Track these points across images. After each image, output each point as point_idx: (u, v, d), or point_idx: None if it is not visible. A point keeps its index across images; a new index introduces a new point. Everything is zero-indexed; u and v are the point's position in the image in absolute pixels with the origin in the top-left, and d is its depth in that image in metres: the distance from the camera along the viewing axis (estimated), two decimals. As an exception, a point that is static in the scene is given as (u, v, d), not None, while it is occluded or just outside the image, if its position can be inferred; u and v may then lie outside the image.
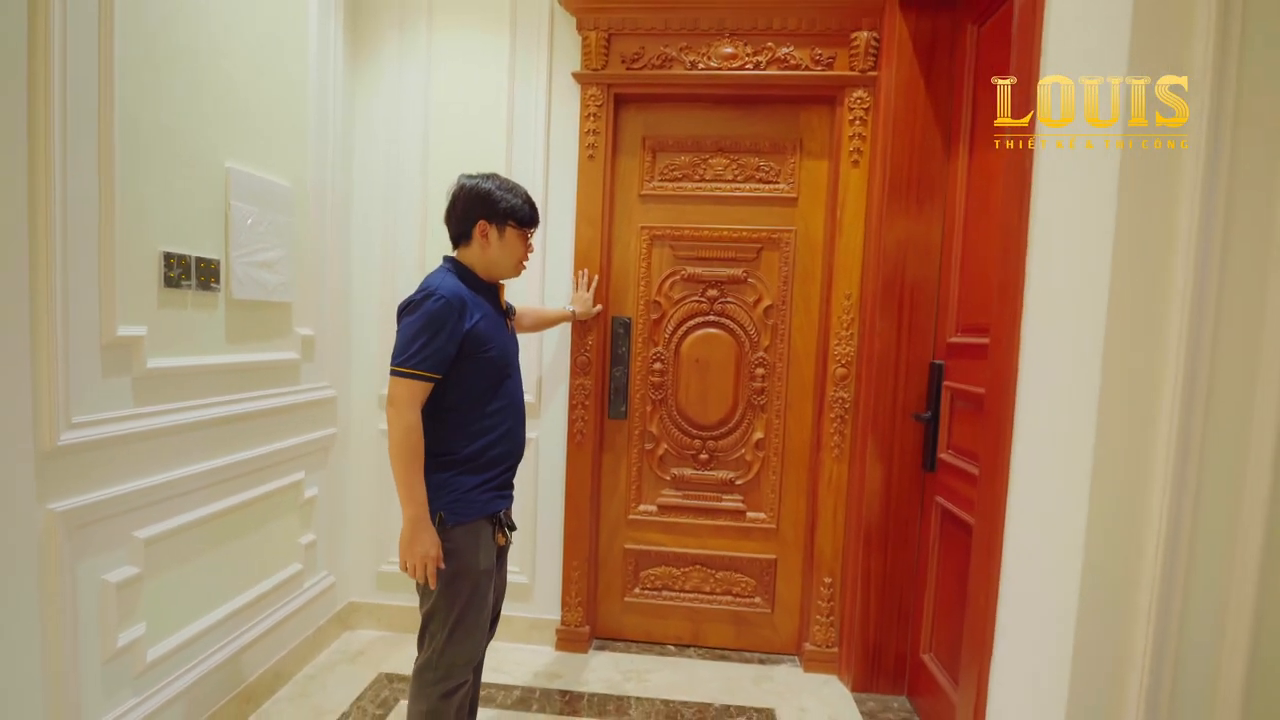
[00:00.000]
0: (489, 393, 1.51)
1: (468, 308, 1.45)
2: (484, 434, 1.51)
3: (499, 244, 1.53)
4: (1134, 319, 0.94)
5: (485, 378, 1.49)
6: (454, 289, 1.44)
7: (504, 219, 1.52)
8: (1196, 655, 0.97)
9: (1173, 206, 0.92)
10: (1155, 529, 0.95)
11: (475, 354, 1.46)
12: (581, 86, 2.27)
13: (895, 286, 2.10)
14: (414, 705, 1.48)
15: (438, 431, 1.46)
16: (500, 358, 1.52)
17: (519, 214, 1.54)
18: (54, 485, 1.33)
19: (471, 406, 1.49)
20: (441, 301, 1.41)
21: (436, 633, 1.46)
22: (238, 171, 1.78)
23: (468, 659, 1.48)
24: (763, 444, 2.39)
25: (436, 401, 1.45)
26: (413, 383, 1.40)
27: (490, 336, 1.49)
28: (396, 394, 1.41)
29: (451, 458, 1.47)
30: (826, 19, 2.15)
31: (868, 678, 2.20)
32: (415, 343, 1.40)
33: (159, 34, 1.52)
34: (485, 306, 1.51)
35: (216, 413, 1.74)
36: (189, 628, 1.71)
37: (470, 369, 1.46)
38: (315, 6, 2.10)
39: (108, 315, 1.42)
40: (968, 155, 1.94)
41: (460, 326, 1.43)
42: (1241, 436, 0.93)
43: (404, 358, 1.40)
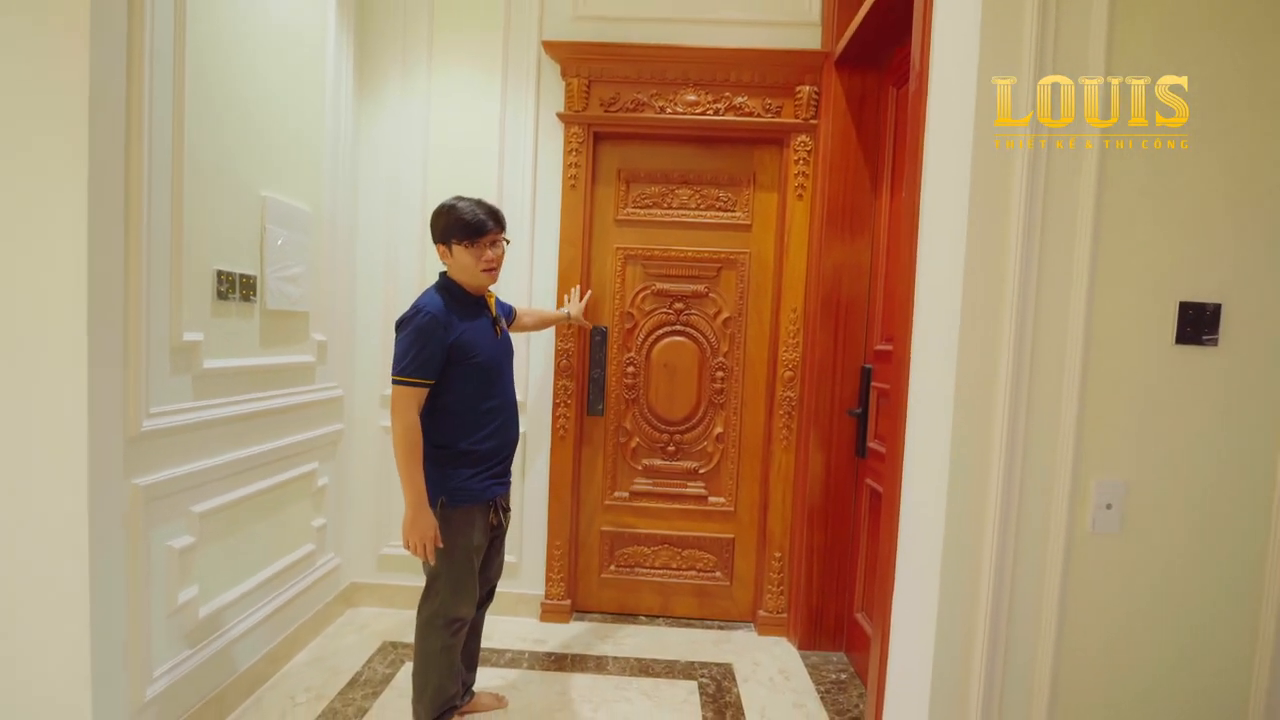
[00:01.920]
0: (480, 393, 1.77)
1: (453, 321, 1.71)
2: (478, 429, 1.78)
3: (454, 260, 1.76)
4: (977, 334, 1.31)
5: (475, 381, 1.76)
6: (439, 306, 1.71)
7: (447, 238, 1.75)
8: (1025, 586, 1.33)
9: (1004, 254, 1.29)
10: (994, 486, 1.32)
11: (463, 361, 1.73)
12: (565, 125, 2.61)
13: (832, 302, 2.48)
14: (427, 645, 1.78)
15: (438, 428, 1.74)
16: (488, 363, 1.78)
17: (459, 230, 1.73)
18: (136, 464, 1.60)
19: (466, 406, 1.76)
20: (428, 317, 1.68)
21: (441, 590, 1.77)
22: (272, 199, 2.07)
23: (465, 609, 1.80)
24: (722, 437, 2.75)
25: (434, 402, 1.73)
26: (408, 388, 1.67)
27: (476, 344, 1.75)
28: (395, 398, 1.68)
29: (450, 450, 1.75)
30: (775, 74, 2.54)
31: (812, 637, 2.57)
32: (408, 354, 1.67)
33: (215, 85, 1.81)
34: (471, 319, 1.76)
35: (252, 407, 2.02)
36: (228, 593, 1.97)
37: (460, 374, 1.73)
38: (332, 50, 2.39)
39: (175, 323, 1.70)
40: (890, 194, 2.34)
41: (446, 337, 1.68)
42: (1054, 433, 1.30)
43: (400, 367, 1.67)
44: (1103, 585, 1.32)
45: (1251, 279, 1.27)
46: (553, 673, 2.31)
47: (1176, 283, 1.28)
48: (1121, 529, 1.31)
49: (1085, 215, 1.27)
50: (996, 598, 1.34)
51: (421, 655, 1.80)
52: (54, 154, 1.41)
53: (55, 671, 1.48)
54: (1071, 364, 1.29)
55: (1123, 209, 1.27)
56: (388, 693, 2.13)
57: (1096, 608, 1.33)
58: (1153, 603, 1.32)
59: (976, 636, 1.35)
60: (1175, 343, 1.28)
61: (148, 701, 1.65)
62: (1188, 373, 1.28)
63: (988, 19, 1.27)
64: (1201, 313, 1.27)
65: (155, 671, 1.69)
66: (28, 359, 1.43)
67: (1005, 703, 1.35)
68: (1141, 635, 1.33)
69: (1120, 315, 1.28)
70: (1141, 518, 1.31)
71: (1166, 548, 1.31)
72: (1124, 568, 1.32)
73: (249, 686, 2.06)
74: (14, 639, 1.48)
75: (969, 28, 1.32)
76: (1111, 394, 1.29)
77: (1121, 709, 1.34)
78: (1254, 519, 1.30)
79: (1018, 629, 1.34)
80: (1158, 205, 1.27)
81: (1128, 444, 1.30)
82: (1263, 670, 1.31)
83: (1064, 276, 1.29)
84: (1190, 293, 1.27)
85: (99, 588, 1.50)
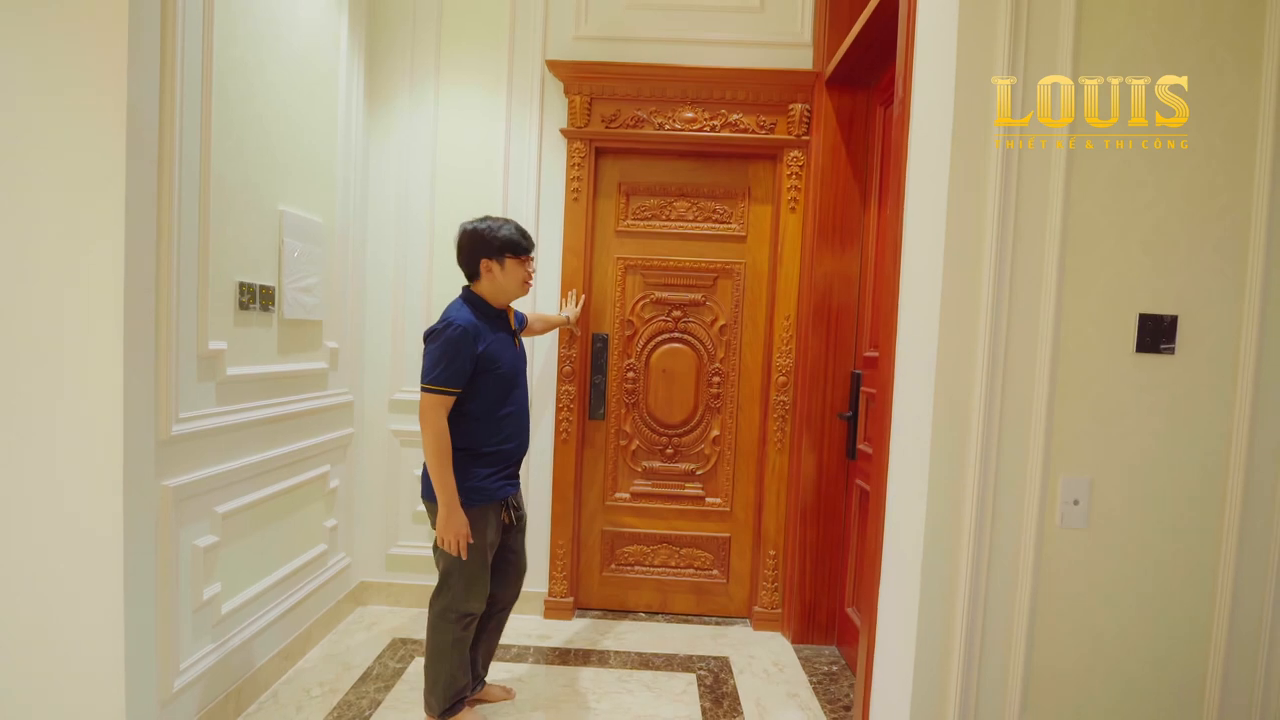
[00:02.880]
0: (500, 401, 1.90)
1: (480, 334, 1.84)
2: (498, 433, 1.91)
3: (502, 274, 1.91)
4: (954, 344, 1.42)
5: (496, 389, 1.89)
6: (468, 319, 1.83)
7: (500, 253, 1.90)
8: (1000, 577, 1.44)
9: (978, 269, 1.40)
10: (970, 484, 1.42)
11: (488, 371, 1.85)
12: (568, 140, 2.72)
13: (824, 310, 2.59)
14: (439, 638, 1.88)
15: (462, 432, 1.85)
16: (508, 372, 1.91)
17: (512, 246, 1.91)
18: (166, 466, 1.69)
19: (487, 412, 1.88)
20: (459, 330, 1.80)
21: (454, 584, 1.87)
22: (288, 213, 2.17)
23: (477, 602, 1.89)
24: (719, 440, 2.85)
25: (459, 408, 1.84)
26: (437, 396, 1.79)
27: (499, 356, 1.88)
28: (425, 405, 1.79)
29: (472, 452, 1.87)
30: (769, 93, 2.65)
31: (805, 631, 2.67)
32: (438, 365, 1.79)
33: (237, 106, 1.90)
34: (496, 331, 1.90)
35: (271, 412, 2.11)
36: (248, 590, 2.06)
37: (484, 383, 1.86)
38: (344, 67, 2.50)
39: (202, 333, 1.79)
40: (878, 208, 2.45)
41: (474, 349, 1.81)
42: (1025, 435, 1.41)
43: (430, 377, 1.79)
44: (1071, 576, 1.43)
45: (1204, 293, 1.38)
46: (558, 666, 2.41)
47: (1136, 296, 1.39)
48: (1088, 524, 1.42)
49: (1053, 234, 1.38)
50: (974, 588, 1.44)
51: (433, 648, 1.90)
52: (94, 176, 1.50)
53: (90, 663, 1.57)
54: (1041, 370, 1.40)
55: (1087, 228, 1.38)
56: (399, 686, 2.22)
57: (1066, 596, 1.43)
58: (1116, 590, 1.43)
59: (955, 624, 1.46)
60: (1136, 351, 1.39)
61: (175, 693, 1.74)
62: (1147, 378, 1.39)
63: (962, 48, 1.39)
64: (1160, 324, 1.38)
65: (182, 664, 1.78)
66: (69, 368, 1.53)
67: (982, 685, 1.45)
68: (1107, 620, 1.43)
69: (1085, 325, 1.39)
70: (1106, 513, 1.42)
71: (1128, 540, 1.42)
72: (1090, 559, 1.43)
73: (265, 681, 2.15)
74: (52, 633, 1.57)
75: (946, 53, 1.43)
76: (1078, 398, 1.40)
77: (1092, 689, 1.45)
78: (1206, 512, 1.41)
79: (993, 618, 1.45)
80: (1119, 225, 1.38)
81: (1093, 444, 1.41)
82: (1219, 647, 1.42)
83: (1034, 290, 1.40)
84: (1149, 305, 1.39)
85: (132, 584, 1.59)
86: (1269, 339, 1.37)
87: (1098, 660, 1.44)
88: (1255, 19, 1.36)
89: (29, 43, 1.50)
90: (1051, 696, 1.45)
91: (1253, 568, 1.41)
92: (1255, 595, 1.41)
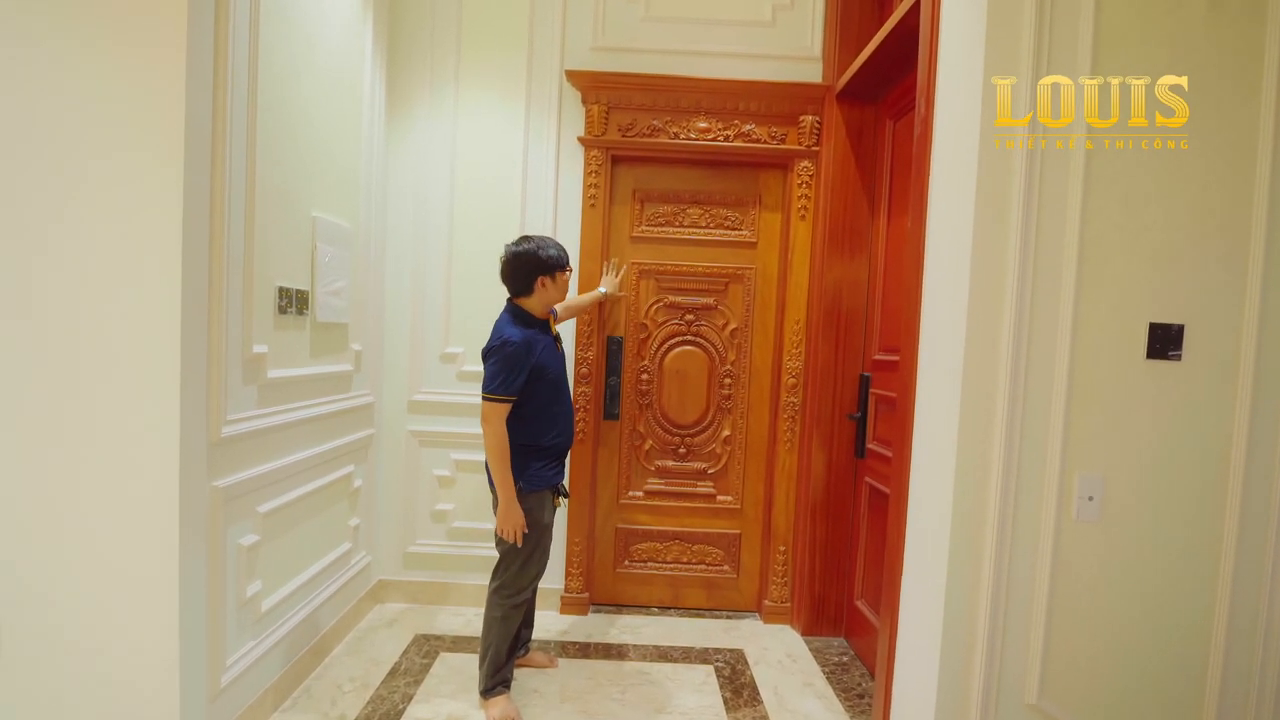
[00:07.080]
0: (552, 401, 2.11)
1: (533, 346, 2.02)
2: (552, 428, 2.12)
3: (554, 287, 2.13)
4: (979, 351, 1.53)
5: (547, 392, 2.09)
6: (522, 334, 2.01)
7: (553, 270, 2.10)
8: (1020, 570, 1.55)
9: (1002, 284, 1.51)
10: (994, 484, 1.53)
11: (541, 377, 2.05)
12: (585, 148, 2.79)
13: (833, 315, 2.69)
14: (491, 612, 2.09)
15: (520, 429, 2.03)
16: (556, 376, 2.12)
17: (562, 263, 2.14)
18: (217, 467, 1.74)
19: (541, 411, 2.08)
20: (515, 346, 1.99)
21: (511, 564, 2.07)
22: (321, 219, 2.21)
23: (530, 581, 2.12)
24: (730, 440, 2.95)
25: (517, 411, 2.02)
26: (498, 404, 1.99)
27: (549, 364, 2.08)
28: (488, 412, 1.99)
29: (531, 446, 2.06)
30: (780, 105, 2.75)
31: (814, 624, 2.78)
32: (499, 377, 1.98)
33: (275, 116, 1.94)
34: (543, 338, 2.09)
35: (305, 414, 2.15)
36: (283, 588, 2.10)
37: (538, 388, 2.06)
38: (368, 75, 2.54)
39: (247, 337, 1.84)
40: (886, 217, 2.56)
41: (529, 361, 2.01)
42: (1044, 436, 1.52)
43: (492, 387, 1.98)
44: (1085, 567, 1.54)
45: (1209, 304, 1.50)
46: (579, 660, 2.48)
47: (1147, 306, 1.50)
48: (1101, 518, 1.53)
49: (1070, 250, 1.49)
50: (996, 578, 1.55)
51: (486, 621, 2.10)
52: (153, 187, 1.55)
53: (146, 660, 1.61)
54: (1060, 375, 1.51)
55: (1101, 243, 1.49)
56: (429, 680, 2.28)
57: (1080, 586, 1.55)
58: (1126, 580, 1.54)
59: (979, 611, 1.56)
60: (1146, 357, 1.50)
61: (223, 688, 1.79)
62: (1156, 383, 1.51)
63: (989, 60, 1.49)
64: (1168, 332, 1.50)
65: (228, 660, 1.82)
66: (128, 375, 1.57)
67: (1004, 670, 1.56)
68: (1118, 608, 1.55)
69: (1100, 334, 1.50)
70: (1118, 509, 1.53)
71: (1138, 534, 1.54)
72: (1102, 551, 1.54)
73: (298, 676, 2.19)
74: (110, 631, 1.60)
75: (972, 67, 1.53)
76: (1093, 400, 1.51)
77: (1104, 673, 1.56)
78: (1210, 507, 1.53)
79: (1014, 607, 1.55)
80: (1131, 240, 1.49)
81: (1106, 444, 1.52)
82: (1220, 634, 1.54)
83: (1053, 302, 1.51)
84: (1158, 315, 1.50)
85: (186, 581, 1.63)
86: (1267, 346, 1.49)
87: (1110, 646, 1.55)
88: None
89: (95, 62, 1.54)
90: (1066, 680, 1.56)
91: (1251, 559, 1.53)
92: (1253, 584, 1.53)
